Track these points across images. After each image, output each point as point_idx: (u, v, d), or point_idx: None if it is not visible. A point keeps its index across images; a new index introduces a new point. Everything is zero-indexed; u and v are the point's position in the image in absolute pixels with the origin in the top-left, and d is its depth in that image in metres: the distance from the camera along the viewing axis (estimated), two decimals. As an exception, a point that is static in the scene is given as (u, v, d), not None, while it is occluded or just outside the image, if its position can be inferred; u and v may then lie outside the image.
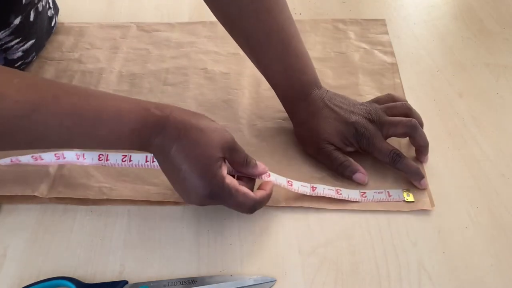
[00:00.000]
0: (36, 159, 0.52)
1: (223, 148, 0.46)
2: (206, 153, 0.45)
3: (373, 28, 0.77)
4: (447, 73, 0.69)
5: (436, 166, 0.56)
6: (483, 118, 0.61)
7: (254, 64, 0.60)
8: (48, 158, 0.52)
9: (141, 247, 0.49)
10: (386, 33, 0.76)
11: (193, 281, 0.45)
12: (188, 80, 0.68)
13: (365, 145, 0.54)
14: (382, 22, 0.78)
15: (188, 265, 0.47)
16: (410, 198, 0.52)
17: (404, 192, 0.53)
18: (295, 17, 0.80)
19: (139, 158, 0.50)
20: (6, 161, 0.53)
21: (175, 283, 0.45)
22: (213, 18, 0.59)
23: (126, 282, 0.45)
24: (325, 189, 0.52)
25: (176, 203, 0.53)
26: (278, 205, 0.52)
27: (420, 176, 0.53)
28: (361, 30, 0.77)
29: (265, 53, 0.57)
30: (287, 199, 0.52)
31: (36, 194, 0.52)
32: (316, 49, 0.73)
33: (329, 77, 0.68)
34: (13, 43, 0.65)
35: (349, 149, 0.55)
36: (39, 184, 0.53)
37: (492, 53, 0.72)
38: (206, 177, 0.44)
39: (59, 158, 0.52)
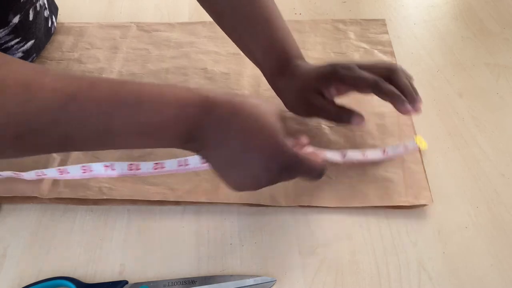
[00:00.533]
0: (61, 172, 0.51)
1: (278, 117, 0.42)
2: (269, 123, 0.41)
3: (373, 28, 0.77)
4: (447, 73, 0.69)
5: (436, 166, 0.56)
6: (483, 118, 0.61)
7: (236, 43, 0.60)
8: (75, 171, 0.51)
9: (141, 247, 0.49)
10: (386, 33, 0.76)
11: (193, 281, 0.45)
12: (188, 80, 0.68)
13: (347, 78, 0.52)
14: (382, 22, 0.78)
15: (188, 265, 0.47)
16: (423, 145, 0.56)
17: (416, 139, 0.56)
18: (295, 17, 0.80)
19: (171, 163, 0.49)
20: (31, 174, 0.52)
21: (175, 283, 0.45)
22: (213, 18, 0.59)
23: (126, 282, 0.45)
24: (354, 154, 0.55)
25: (176, 203, 0.53)
26: (278, 205, 0.52)
27: (402, 99, 0.50)
28: (361, 30, 0.77)
29: (252, 28, 0.56)
30: (286, 199, 0.52)
31: (36, 194, 0.52)
32: (316, 49, 0.73)
33: (329, 77, 0.68)
34: (12, 43, 0.65)
35: (333, 91, 0.54)
36: (39, 185, 0.53)
37: (492, 53, 0.72)
38: (277, 148, 0.41)
39: (85, 171, 0.51)
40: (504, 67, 0.69)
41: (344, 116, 0.53)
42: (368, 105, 0.63)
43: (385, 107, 0.63)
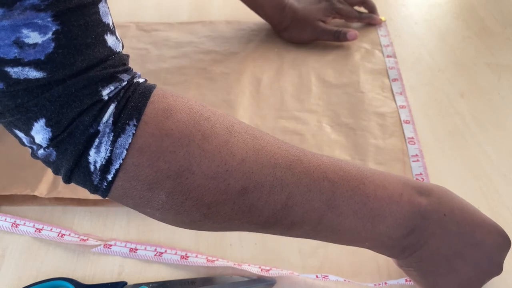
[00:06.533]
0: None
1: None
2: (486, 218, 0.41)
3: (373, 27, 0.77)
4: (448, 73, 0.69)
5: (437, 166, 0.55)
6: (485, 118, 0.61)
7: None
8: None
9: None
10: (387, 32, 0.76)
11: (192, 282, 0.45)
12: (188, 80, 0.68)
13: (342, 10, 0.74)
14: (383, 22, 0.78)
15: (188, 265, 0.47)
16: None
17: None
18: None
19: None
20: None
21: (175, 284, 0.45)
22: (213, 17, 0.59)
23: (125, 283, 0.45)
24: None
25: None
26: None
27: (374, 17, 0.77)
28: (362, 29, 0.77)
29: None
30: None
31: (35, 193, 0.52)
32: (317, 49, 0.73)
33: (330, 76, 0.68)
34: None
35: (329, 19, 0.74)
36: (38, 184, 0.53)
37: (493, 53, 0.72)
38: (505, 241, 0.41)
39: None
40: (505, 67, 0.69)
41: (342, 34, 0.71)
42: (369, 105, 0.63)
43: (386, 107, 0.63)
